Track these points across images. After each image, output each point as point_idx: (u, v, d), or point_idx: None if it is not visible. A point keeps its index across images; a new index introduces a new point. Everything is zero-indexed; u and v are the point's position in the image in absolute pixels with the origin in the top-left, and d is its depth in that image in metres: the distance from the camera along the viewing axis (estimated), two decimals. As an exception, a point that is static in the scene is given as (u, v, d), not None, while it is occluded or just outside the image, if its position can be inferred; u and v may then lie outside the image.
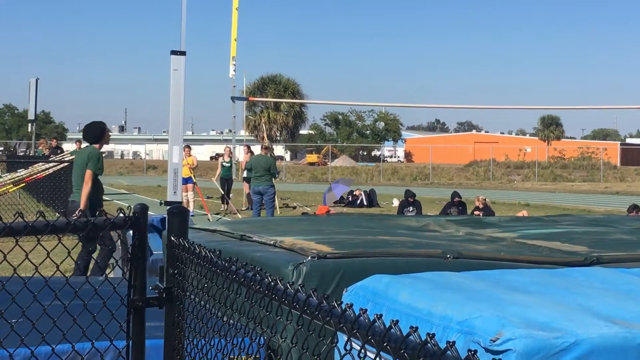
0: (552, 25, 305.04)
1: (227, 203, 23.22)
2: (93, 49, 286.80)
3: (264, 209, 18.54)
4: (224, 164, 23.49)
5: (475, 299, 3.54)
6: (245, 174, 23.47)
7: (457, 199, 20.05)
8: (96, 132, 10.50)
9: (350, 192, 28.34)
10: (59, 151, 26.16)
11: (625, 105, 23.74)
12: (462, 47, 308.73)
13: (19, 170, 18.29)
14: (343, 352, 1.72)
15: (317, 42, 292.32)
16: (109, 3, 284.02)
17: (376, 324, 1.61)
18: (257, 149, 27.86)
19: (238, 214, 21.30)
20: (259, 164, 18.47)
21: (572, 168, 63.51)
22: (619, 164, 76.38)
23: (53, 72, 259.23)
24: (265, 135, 28.97)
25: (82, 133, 11.05)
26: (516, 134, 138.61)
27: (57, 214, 12.04)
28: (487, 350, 3.03)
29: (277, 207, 20.15)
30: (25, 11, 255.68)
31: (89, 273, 9.36)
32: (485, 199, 19.64)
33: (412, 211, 20.23)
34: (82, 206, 9.65)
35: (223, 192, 23.41)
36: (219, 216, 20.83)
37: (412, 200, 20.94)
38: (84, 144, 10.97)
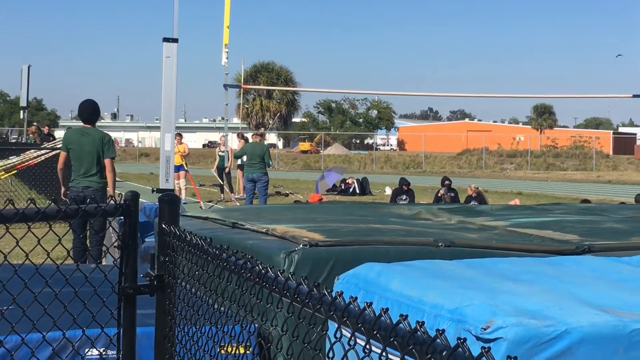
0: (545, 14, 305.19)
1: (223, 191, 23.21)
2: (85, 36, 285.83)
3: (256, 197, 18.49)
4: (220, 153, 23.42)
5: (467, 287, 3.55)
6: (239, 162, 23.44)
7: (447, 182, 20.04)
8: (97, 112, 10.29)
9: (343, 180, 28.32)
10: (51, 138, 26.08)
11: (617, 94, 23.82)
12: (456, 35, 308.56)
13: (10, 157, 18.24)
14: (333, 339, 1.72)
15: (310, 30, 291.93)
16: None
17: (366, 312, 1.61)
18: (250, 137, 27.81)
19: (236, 202, 21.25)
20: (254, 152, 18.39)
21: (565, 157, 63.59)
22: (611, 153, 76.54)
23: (45, 59, 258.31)
24: (269, 124, 28.85)
25: (84, 110, 10.10)
26: (509, 123, 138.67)
27: (48, 201, 11.85)
28: (478, 338, 3.03)
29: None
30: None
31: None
32: (477, 188, 19.63)
33: (405, 199, 20.22)
34: (112, 192, 9.59)
35: (222, 182, 23.36)
36: (211, 204, 20.80)
37: (406, 188, 20.92)
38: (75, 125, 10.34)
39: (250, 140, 20.54)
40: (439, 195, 19.59)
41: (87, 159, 9.80)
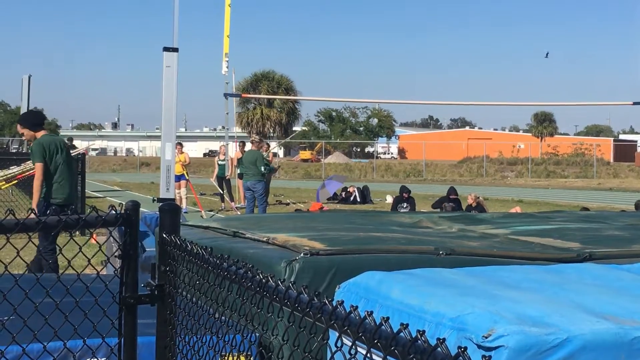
0: (545, 22, 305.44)
1: (223, 200, 23.24)
2: (86, 46, 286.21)
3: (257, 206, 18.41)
4: (220, 162, 23.49)
5: (468, 295, 3.55)
6: (239, 170, 23.45)
7: (453, 195, 20.05)
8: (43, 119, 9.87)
9: (344, 189, 28.32)
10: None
11: (618, 102, 23.83)
12: (456, 43, 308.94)
13: (11, 167, 18.21)
14: (334, 349, 1.72)
15: (311, 39, 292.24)
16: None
17: (367, 320, 1.61)
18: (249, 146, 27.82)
19: (237, 212, 21.22)
20: (248, 160, 18.27)
21: (566, 164, 63.63)
22: (612, 160, 76.59)
23: (46, 69, 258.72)
24: (269, 133, 28.92)
25: (39, 115, 9.89)
26: (509, 131, 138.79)
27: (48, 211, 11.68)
28: (479, 346, 3.03)
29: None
30: (18, 8, 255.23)
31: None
32: (478, 197, 19.63)
33: (406, 207, 20.21)
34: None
35: (221, 191, 23.37)
36: (212, 213, 20.79)
37: (406, 196, 20.89)
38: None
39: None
40: (442, 207, 19.54)
41: (69, 169, 9.46)
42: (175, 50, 10.24)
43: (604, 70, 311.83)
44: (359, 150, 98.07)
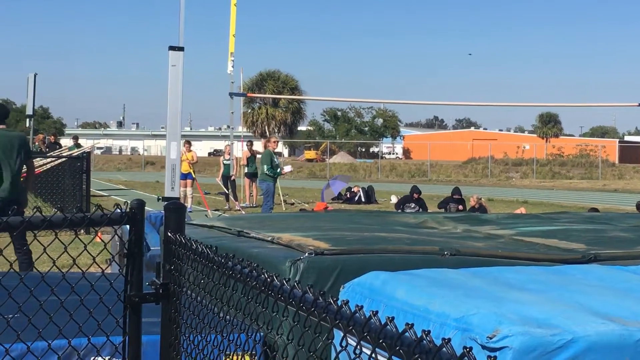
0: (550, 22, 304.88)
1: (228, 200, 23.26)
2: (91, 45, 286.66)
3: (277, 204, 18.32)
4: (225, 162, 23.53)
5: (473, 296, 3.55)
6: (246, 170, 23.55)
7: (456, 195, 20.01)
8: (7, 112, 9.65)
9: (349, 189, 28.30)
10: (57, 147, 26.13)
11: (623, 103, 23.79)
12: (461, 44, 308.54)
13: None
14: (339, 348, 1.72)
15: (316, 38, 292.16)
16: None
17: (372, 320, 1.61)
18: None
19: (242, 211, 21.21)
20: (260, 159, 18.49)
21: (571, 165, 63.51)
22: (617, 162, 76.42)
23: (51, 67, 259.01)
24: (274, 132, 28.93)
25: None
26: (514, 131, 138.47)
27: (54, 209, 11.66)
28: (484, 347, 3.03)
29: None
30: (24, 6, 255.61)
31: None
32: (480, 198, 19.60)
33: (413, 207, 20.06)
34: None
35: (227, 191, 23.40)
36: (218, 212, 20.78)
37: (417, 196, 20.64)
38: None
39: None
40: (447, 208, 19.48)
41: (10, 164, 9.13)
42: (181, 49, 10.23)
43: (609, 71, 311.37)
44: (363, 150, 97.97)
